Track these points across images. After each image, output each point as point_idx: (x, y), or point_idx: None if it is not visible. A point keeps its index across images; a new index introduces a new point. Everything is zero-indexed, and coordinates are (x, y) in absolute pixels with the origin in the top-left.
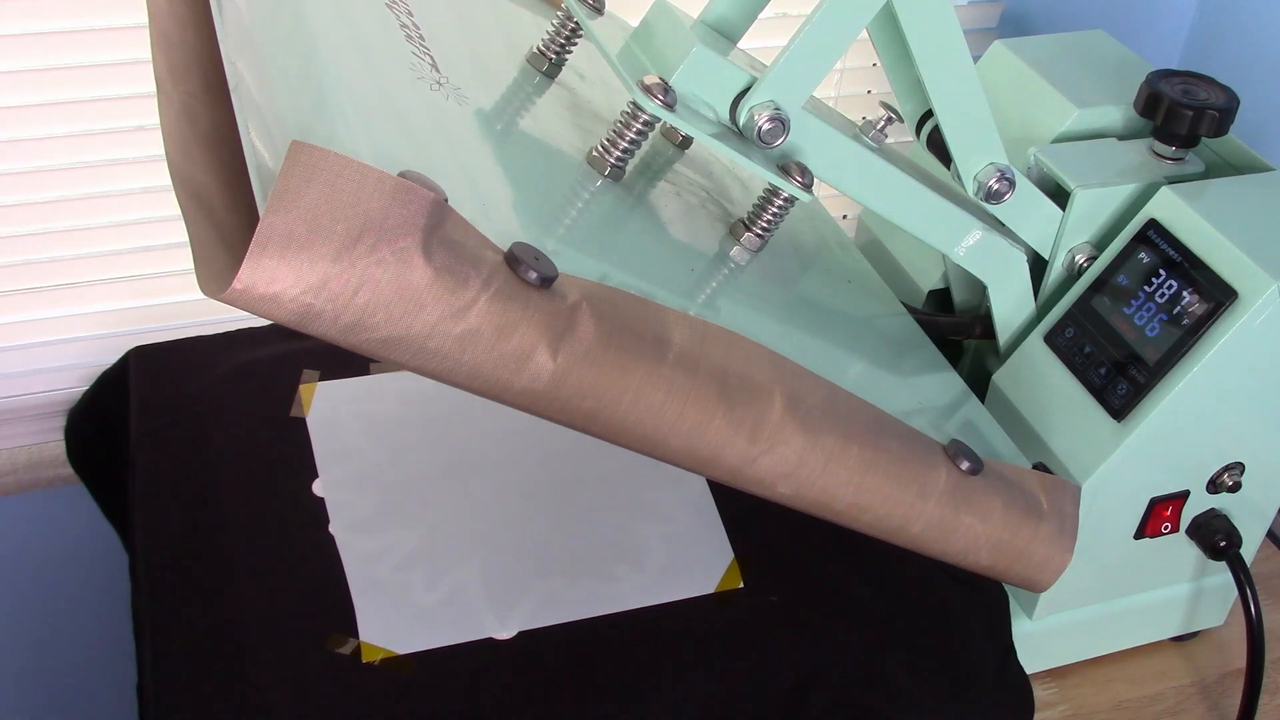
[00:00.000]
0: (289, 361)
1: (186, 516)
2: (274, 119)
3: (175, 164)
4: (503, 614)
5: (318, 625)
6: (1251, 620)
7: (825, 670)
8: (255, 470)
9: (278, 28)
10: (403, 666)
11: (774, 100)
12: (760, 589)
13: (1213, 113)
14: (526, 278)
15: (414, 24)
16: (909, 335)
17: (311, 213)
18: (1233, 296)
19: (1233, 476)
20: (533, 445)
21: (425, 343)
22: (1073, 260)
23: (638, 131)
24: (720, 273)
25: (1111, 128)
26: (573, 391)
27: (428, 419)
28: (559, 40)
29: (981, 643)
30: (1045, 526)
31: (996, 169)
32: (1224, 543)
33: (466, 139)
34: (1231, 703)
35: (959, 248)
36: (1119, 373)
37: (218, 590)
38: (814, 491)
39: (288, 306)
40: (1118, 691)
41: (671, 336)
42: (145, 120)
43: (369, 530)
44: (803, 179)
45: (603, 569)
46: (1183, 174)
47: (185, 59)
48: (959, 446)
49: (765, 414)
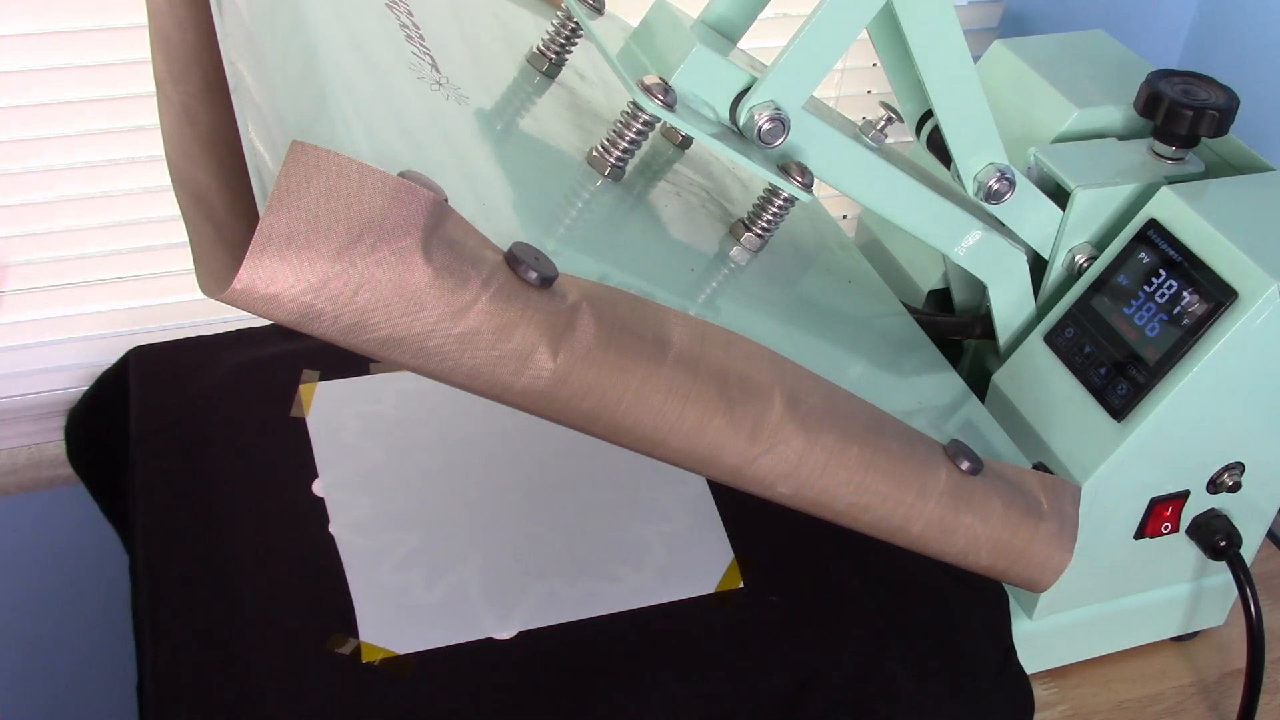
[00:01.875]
0: (289, 361)
1: (186, 516)
2: (274, 119)
3: (175, 164)
4: (503, 614)
5: (318, 625)
6: (1251, 620)
7: (825, 670)
8: (255, 470)
9: (278, 28)
10: (403, 666)
11: (774, 100)
12: (760, 589)
13: (1213, 113)
14: (526, 278)
15: (414, 24)
16: (909, 335)
17: (311, 213)
18: (1233, 296)
19: (1233, 476)
20: (533, 445)
21: (425, 343)
22: (1073, 260)
23: (638, 131)
24: (720, 273)
25: (1111, 128)
26: (573, 391)
27: (428, 419)
28: (559, 40)
29: (981, 643)
30: (1045, 526)
31: (996, 169)
32: (1224, 543)
33: (466, 139)
34: (1231, 703)
35: (959, 248)
36: (1119, 373)
37: (218, 590)
38: (814, 491)
39: (288, 306)
40: (1118, 691)
41: (671, 336)
42: (145, 120)
43: (369, 530)
44: (803, 179)
45: (602, 569)
46: (1183, 174)
47: (185, 59)
48: (959, 446)
49: (765, 414)
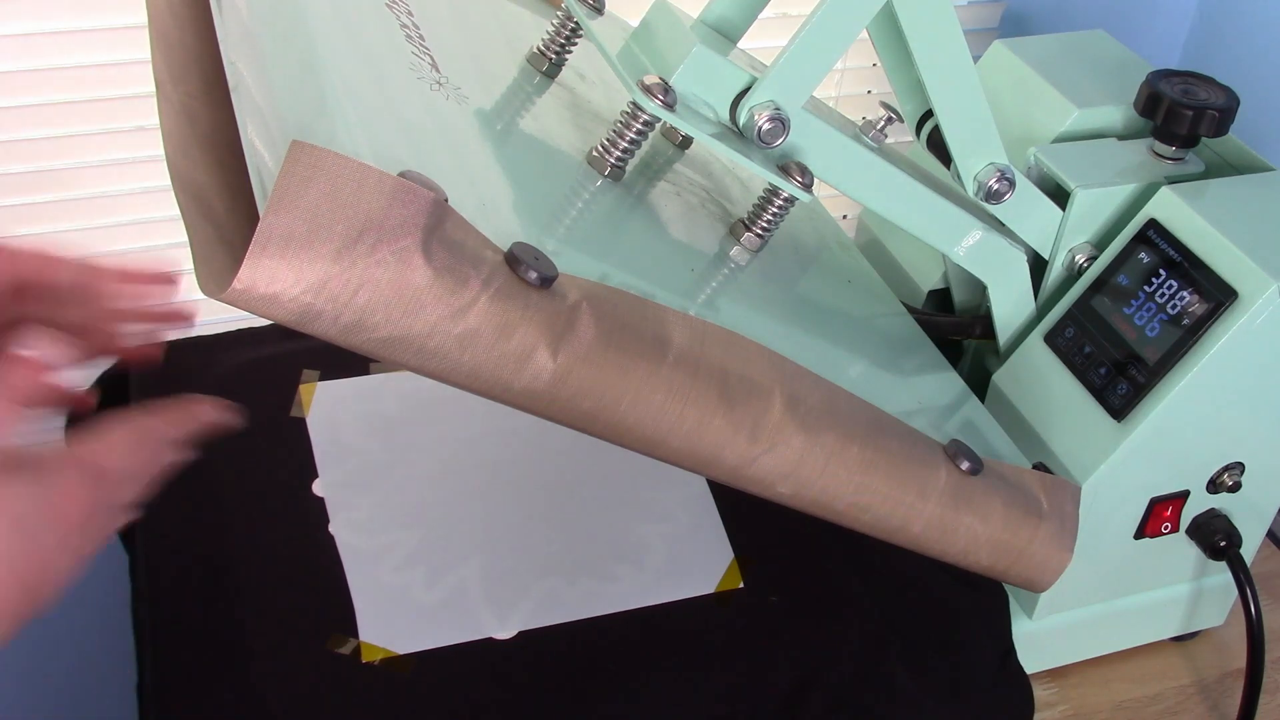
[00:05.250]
0: (289, 361)
1: (186, 516)
2: (274, 119)
3: (175, 164)
4: (503, 614)
5: (318, 625)
6: (1251, 620)
7: (825, 670)
8: (255, 470)
9: (278, 28)
10: (403, 666)
11: (774, 100)
12: (760, 589)
13: (1213, 113)
14: (526, 278)
15: (414, 24)
16: (909, 335)
17: (311, 212)
18: (1233, 296)
19: (1233, 476)
20: (533, 445)
21: (425, 343)
22: (1073, 260)
23: (638, 131)
24: (720, 273)
25: (1111, 128)
26: (573, 391)
27: (428, 419)
28: (559, 40)
29: (981, 643)
30: (1045, 526)
31: (996, 169)
32: (1224, 543)
33: (466, 139)
34: (1231, 703)
35: (959, 248)
36: (1119, 373)
37: (218, 590)
38: (814, 491)
39: (287, 306)
40: (1118, 691)
41: (671, 336)
42: (145, 120)
43: (369, 530)
44: (803, 179)
45: (603, 569)
46: (1183, 174)
47: (184, 59)
48: (959, 446)
49: (765, 414)
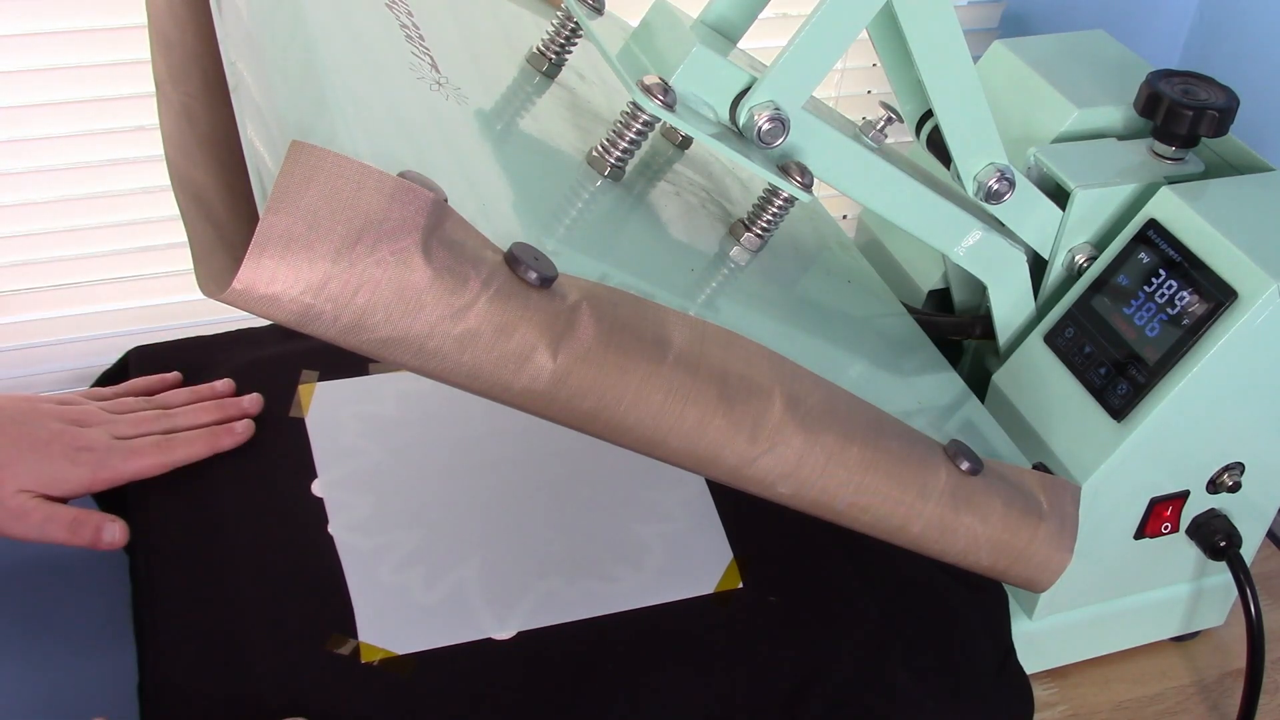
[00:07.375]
0: (289, 361)
1: (186, 516)
2: (274, 119)
3: (175, 164)
4: (502, 614)
5: (318, 625)
6: (1251, 620)
7: (825, 670)
8: (255, 470)
9: (278, 28)
10: (403, 666)
11: (774, 100)
12: (759, 589)
13: (1213, 113)
14: (526, 278)
15: (414, 24)
16: (909, 335)
17: (311, 213)
18: (1233, 296)
19: (1233, 476)
20: (533, 445)
21: (425, 343)
22: (1073, 260)
23: (638, 131)
24: (720, 273)
25: (1111, 128)
26: (573, 391)
27: (428, 419)
28: (559, 40)
29: (981, 643)
30: (1045, 527)
31: (996, 169)
32: (1224, 543)
33: (466, 139)
34: (1231, 703)
35: (959, 248)
36: (1119, 373)
37: (218, 590)
38: (814, 491)
39: (287, 307)
40: (1118, 691)
41: (671, 337)
42: (145, 120)
43: (369, 530)
44: (803, 179)
45: (602, 569)
46: (1183, 174)
47: (184, 60)
48: (959, 446)
49: (765, 414)
